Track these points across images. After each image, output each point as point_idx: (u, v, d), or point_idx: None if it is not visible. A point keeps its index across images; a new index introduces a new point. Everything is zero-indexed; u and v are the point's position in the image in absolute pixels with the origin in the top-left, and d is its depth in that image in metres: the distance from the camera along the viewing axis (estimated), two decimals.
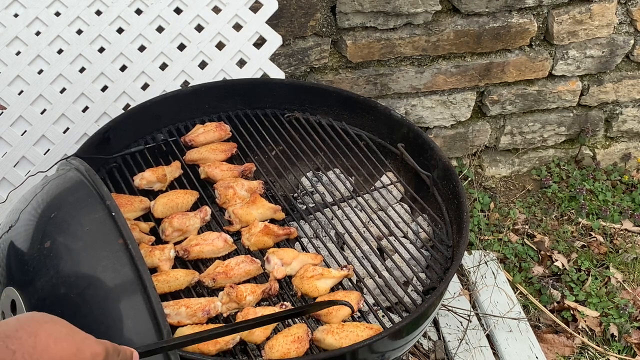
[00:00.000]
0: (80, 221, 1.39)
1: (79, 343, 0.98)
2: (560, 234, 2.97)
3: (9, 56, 2.20)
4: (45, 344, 0.94)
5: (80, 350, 0.97)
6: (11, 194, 2.13)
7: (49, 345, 0.94)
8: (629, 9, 2.99)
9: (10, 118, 2.18)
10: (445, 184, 2.04)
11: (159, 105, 2.16)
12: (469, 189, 3.12)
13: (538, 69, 3.01)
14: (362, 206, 2.03)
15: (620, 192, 3.21)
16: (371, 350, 1.59)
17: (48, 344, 0.94)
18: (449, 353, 2.41)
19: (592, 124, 3.25)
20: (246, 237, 1.86)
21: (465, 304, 2.57)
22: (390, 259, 1.88)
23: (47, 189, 1.50)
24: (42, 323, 0.96)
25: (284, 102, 2.28)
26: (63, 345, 0.95)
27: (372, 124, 2.25)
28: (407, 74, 2.86)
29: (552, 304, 2.68)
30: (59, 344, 0.95)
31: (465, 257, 2.76)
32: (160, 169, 2.00)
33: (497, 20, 2.85)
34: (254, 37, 2.40)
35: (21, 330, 0.93)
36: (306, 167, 2.20)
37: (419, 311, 1.64)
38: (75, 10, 2.27)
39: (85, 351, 0.98)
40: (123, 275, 1.30)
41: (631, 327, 2.61)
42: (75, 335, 0.98)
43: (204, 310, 1.64)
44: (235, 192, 1.95)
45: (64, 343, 0.96)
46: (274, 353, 1.57)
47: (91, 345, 1.00)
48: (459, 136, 3.12)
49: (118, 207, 1.37)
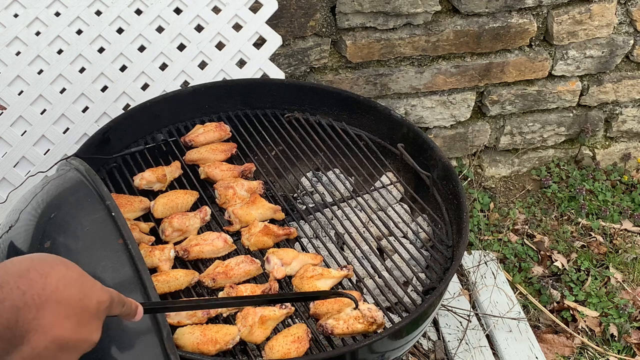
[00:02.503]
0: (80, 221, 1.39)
1: (87, 289, 1.00)
2: (560, 234, 2.97)
3: (9, 56, 2.20)
4: (55, 287, 0.95)
5: (86, 296, 1.00)
6: (11, 194, 2.13)
7: (58, 288, 0.96)
8: (629, 9, 2.99)
9: (10, 118, 2.18)
10: (445, 184, 2.04)
11: (159, 105, 2.16)
12: (469, 189, 3.12)
13: (538, 69, 3.01)
14: (362, 206, 2.03)
15: (620, 192, 3.21)
16: (371, 350, 1.59)
17: (57, 287, 0.96)
18: (448, 353, 2.41)
19: (591, 124, 3.25)
20: (246, 237, 1.86)
21: (465, 304, 2.57)
22: (390, 259, 1.88)
23: (47, 189, 1.50)
24: (54, 265, 0.98)
25: (284, 102, 2.28)
26: (71, 289, 0.97)
27: (372, 124, 2.25)
28: (407, 74, 2.86)
29: (552, 304, 2.68)
30: (68, 288, 0.97)
31: (465, 257, 2.76)
32: (160, 169, 2.01)
33: (496, 21, 2.85)
34: (253, 37, 2.40)
35: (33, 271, 0.95)
36: (306, 167, 2.20)
37: (419, 311, 1.64)
38: (75, 10, 2.27)
39: (92, 297, 1.00)
40: (123, 275, 1.30)
41: (631, 327, 2.61)
42: (84, 281, 1.00)
43: (203, 310, 1.64)
44: (235, 192, 1.95)
45: (72, 287, 0.98)
46: (274, 353, 1.57)
47: (97, 292, 1.02)
48: (458, 136, 3.12)
49: (118, 207, 1.37)
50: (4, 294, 0.90)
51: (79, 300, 0.98)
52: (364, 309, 1.63)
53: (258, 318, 1.62)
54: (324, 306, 1.68)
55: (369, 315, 1.62)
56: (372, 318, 1.62)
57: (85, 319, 0.99)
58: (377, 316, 1.63)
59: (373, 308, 1.64)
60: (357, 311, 1.63)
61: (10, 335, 0.90)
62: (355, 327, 1.61)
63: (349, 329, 1.61)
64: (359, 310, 1.63)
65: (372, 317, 1.62)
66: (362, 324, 1.62)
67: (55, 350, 0.96)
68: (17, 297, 0.91)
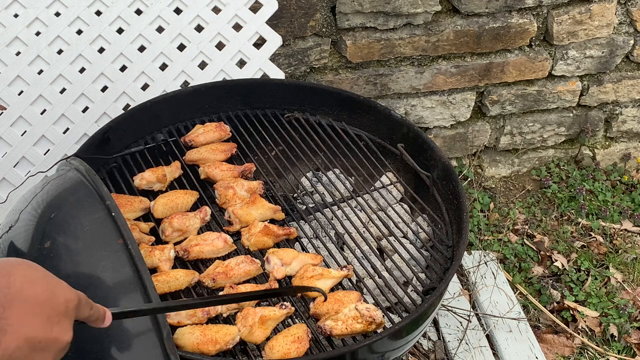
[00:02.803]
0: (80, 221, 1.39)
1: (53, 287, 0.98)
2: (560, 234, 2.97)
3: (9, 56, 2.20)
4: (20, 285, 0.94)
5: (54, 294, 0.98)
6: (11, 194, 2.13)
7: (24, 286, 0.94)
8: (629, 9, 2.99)
9: (10, 118, 2.18)
10: (445, 184, 2.04)
11: (159, 106, 2.16)
12: (469, 189, 3.12)
13: (538, 69, 3.01)
14: (362, 206, 2.03)
15: (620, 192, 3.21)
16: (371, 350, 1.59)
17: (22, 285, 0.94)
18: (448, 353, 2.41)
19: (591, 124, 3.25)
20: (246, 238, 1.86)
21: (465, 304, 2.57)
22: (390, 259, 1.88)
23: (47, 189, 1.50)
24: (16, 265, 0.96)
25: (284, 102, 2.28)
26: (37, 288, 0.96)
27: (372, 124, 2.25)
28: (407, 74, 2.86)
29: (552, 304, 2.68)
30: (34, 287, 0.95)
31: (465, 257, 2.76)
32: (160, 169, 2.00)
33: (496, 21, 2.85)
34: (253, 37, 2.40)
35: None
36: (306, 167, 2.20)
37: (419, 311, 1.64)
38: (75, 10, 2.27)
39: (59, 296, 0.98)
40: (123, 275, 1.30)
41: (631, 327, 2.61)
42: (49, 279, 0.98)
43: (203, 310, 1.64)
44: (235, 192, 1.95)
45: (38, 286, 0.96)
46: (274, 353, 1.57)
47: (65, 291, 1.00)
48: (458, 136, 3.12)
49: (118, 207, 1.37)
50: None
51: (47, 298, 0.96)
52: (362, 308, 1.63)
53: (258, 318, 1.62)
54: (324, 306, 1.68)
55: (368, 314, 1.62)
56: (370, 318, 1.62)
57: (55, 317, 0.97)
58: (376, 315, 1.63)
59: (372, 308, 1.64)
60: (355, 311, 1.63)
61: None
62: (355, 327, 1.61)
63: (348, 329, 1.61)
64: (357, 310, 1.63)
65: (371, 317, 1.62)
66: (361, 324, 1.62)
67: (27, 351, 0.94)
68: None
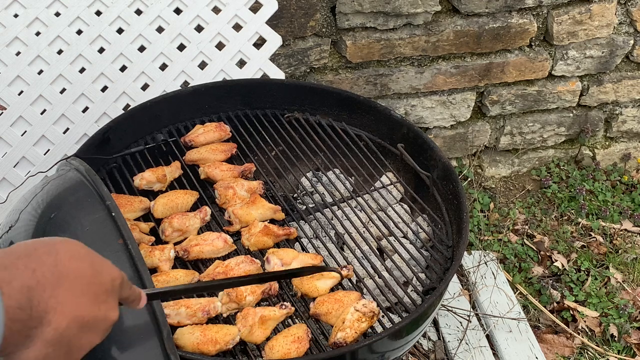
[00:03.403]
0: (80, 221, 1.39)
1: (99, 265, 0.96)
2: (560, 234, 2.97)
3: (9, 56, 2.20)
4: (67, 263, 0.91)
5: (99, 272, 0.95)
6: (11, 194, 2.13)
7: (71, 264, 0.91)
8: (629, 9, 2.99)
9: (10, 118, 2.18)
10: (445, 184, 2.04)
11: (159, 106, 2.16)
12: (469, 189, 3.12)
13: (538, 69, 3.01)
14: (362, 206, 2.03)
15: (620, 193, 3.21)
16: (371, 350, 1.59)
17: (69, 263, 0.91)
18: (448, 353, 2.41)
19: (591, 124, 3.25)
20: (246, 238, 1.86)
21: (465, 304, 2.57)
22: (390, 259, 1.88)
23: (47, 189, 1.50)
24: (61, 243, 0.94)
25: (284, 102, 2.28)
26: (83, 265, 0.93)
27: (372, 124, 2.25)
28: (407, 75, 2.86)
29: (552, 304, 2.68)
30: (80, 264, 0.93)
31: (465, 257, 2.76)
32: (160, 169, 2.00)
33: (496, 21, 2.85)
34: (253, 37, 2.40)
35: (40, 249, 0.91)
36: (306, 167, 2.20)
37: (419, 311, 1.64)
38: (75, 10, 2.27)
39: (105, 273, 0.96)
40: None
41: (631, 327, 2.61)
42: (94, 257, 0.96)
43: (203, 310, 1.64)
44: (235, 192, 1.95)
45: (84, 264, 0.93)
46: (274, 353, 1.57)
47: (110, 269, 0.98)
48: (458, 136, 3.12)
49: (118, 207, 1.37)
50: (11, 275, 0.85)
51: (93, 276, 0.94)
52: (360, 307, 1.64)
53: (258, 318, 1.62)
54: (324, 306, 1.68)
55: (367, 310, 1.63)
56: (370, 312, 1.63)
57: (102, 296, 0.95)
58: (373, 307, 1.64)
59: (367, 303, 1.65)
60: (357, 313, 1.63)
61: (25, 317, 0.85)
62: (362, 327, 1.62)
63: (358, 332, 1.62)
64: (358, 311, 1.63)
65: (371, 311, 1.63)
66: (366, 322, 1.62)
67: (76, 330, 0.91)
68: (26, 276, 0.86)
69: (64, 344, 0.90)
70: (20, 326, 0.85)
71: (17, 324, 0.84)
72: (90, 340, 0.95)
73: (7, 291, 0.83)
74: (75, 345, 0.92)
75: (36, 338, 0.88)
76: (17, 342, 0.86)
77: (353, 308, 1.64)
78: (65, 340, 0.90)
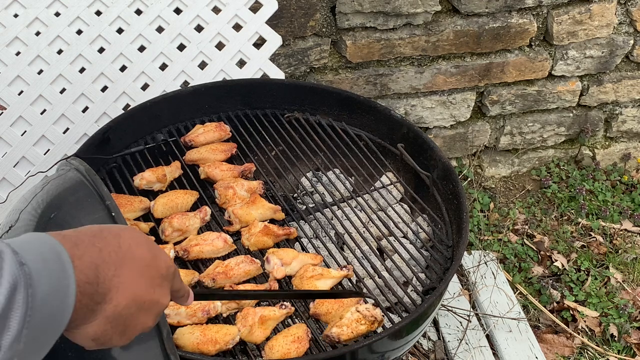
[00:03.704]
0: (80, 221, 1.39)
1: (156, 251, 1.00)
2: (560, 234, 2.97)
3: (9, 56, 2.20)
4: (129, 245, 0.95)
5: (157, 257, 0.99)
6: (11, 194, 2.13)
7: (132, 247, 0.96)
8: (629, 9, 2.99)
9: (10, 118, 2.18)
10: (445, 184, 2.04)
11: (159, 106, 2.16)
12: (469, 189, 3.12)
13: (538, 69, 3.01)
14: (362, 206, 2.03)
15: (620, 192, 3.21)
16: (371, 350, 1.59)
17: (131, 246, 0.96)
18: (448, 353, 2.41)
19: (591, 124, 3.25)
20: (246, 237, 1.86)
21: (465, 304, 2.57)
22: (390, 259, 1.88)
23: (47, 189, 1.50)
24: (123, 228, 0.98)
25: (284, 102, 2.28)
26: (143, 249, 0.97)
27: (372, 124, 2.25)
28: (406, 74, 2.87)
29: (552, 304, 2.68)
30: (140, 248, 0.97)
31: (465, 257, 2.76)
32: (160, 169, 2.01)
33: (496, 21, 2.85)
34: (253, 37, 2.40)
35: (105, 231, 0.95)
36: (306, 167, 2.20)
37: (419, 311, 1.64)
38: (75, 10, 2.27)
39: (161, 260, 1.00)
40: None
41: (631, 327, 2.61)
42: (152, 244, 1.01)
43: (203, 310, 1.64)
44: (235, 192, 1.95)
45: (144, 248, 0.98)
46: (274, 353, 1.57)
47: (165, 257, 1.02)
48: (458, 136, 3.12)
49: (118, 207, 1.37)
50: (82, 250, 0.89)
51: (151, 260, 0.98)
52: (363, 309, 1.64)
53: (258, 318, 1.62)
54: (324, 306, 1.68)
55: (369, 314, 1.63)
56: (372, 317, 1.63)
57: (157, 279, 0.99)
58: (376, 314, 1.63)
59: (370, 307, 1.65)
60: (358, 313, 1.63)
61: (92, 291, 0.89)
62: (359, 329, 1.62)
63: (354, 333, 1.61)
64: (359, 312, 1.64)
65: (372, 316, 1.63)
66: (365, 325, 1.62)
67: (135, 309, 0.95)
68: (94, 253, 0.90)
69: (121, 322, 0.94)
70: (88, 300, 0.89)
71: (85, 298, 0.88)
72: (144, 322, 0.98)
73: (78, 265, 0.87)
74: (131, 324, 0.96)
75: (98, 313, 0.91)
76: (83, 315, 0.89)
77: (355, 308, 1.64)
78: (123, 318, 0.94)
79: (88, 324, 0.91)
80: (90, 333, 0.92)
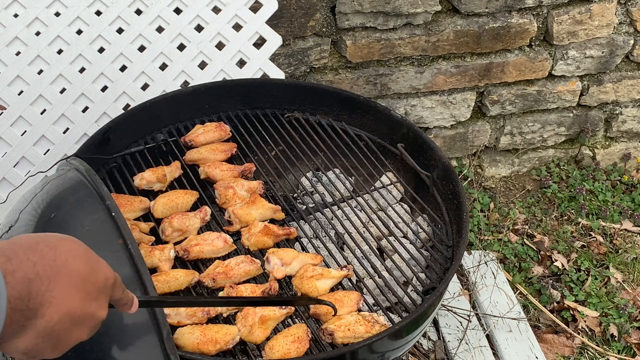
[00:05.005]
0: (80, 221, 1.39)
1: (94, 263, 0.99)
2: (560, 234, 2.97)
3: (9, 56, 2.20)
4: (65, 259, 0.95)
5: (94, 270, 0.99)
6: (11, 194, 2.13)
7: (68, 260, 0.95)
8: (629, 9, 2.99)
9: (10, 118, 2.18)
10: (445, 184, 2.04)
11: (159, 105, 2.16)
12: (469, 189, 3.12)
13: (538, 69, 3.01)
14: (362, 206, 2.03)
15: (620, 192, 3.21)
16: (371, 350, 1.59)
17: (67, 259, 0.95)
18: (448, 353, 2.41)
19: (591, 124, 3.25)
20: (246, 237, 1.86)
21: (465, 304, 2.57)
22: (390, 259, 1.88)
23: (47, 189, 1.50)
24: (60, 239, 0.97)
25: (284, 102, 2.28)
26: (80, 262, 0.97)
27: (372, 124, 2.25)
28: (407, 74, 2.86)
29: (552, 304, 2.68)
30: (77, 261, 0.96)
31: (465, 257, 2.76)
32: (160, 169, 2.01)
33: (496, 21, 2.85)
34: (253, 37, 2.40)
35: (42, 244, 0.94)
36: (306, 167, 2.20)
37: (419, 311, 1.64)
38: (75, 10, 2.27)
39: (99, 272, 1.00)
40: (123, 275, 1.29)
41: (631, 327, 2.61)
42: (90, 255, 1.00)
43: (203, 310, 1.64)
44: (235, 192, 1.95)
45: (81, 261, 0.97)
46: (274, 353, 1.57)
47: (104, 269, 1.01)
48: (458, 136, 3.13)
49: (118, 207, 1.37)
50: (14, 265, 0.88)
51: (88, 274, 0.97)
52: (365, 313, 1.65)
53: (258, 318, 1.62)
54: (324, 306, 1.68)
55: (370, 317, 1.63)
56: (372, 319, 1.63)
57: (94, 293, 0.98)
58: (379, 318, 1.64)
59: (375, 315, 1.65)
60: (358, 316, 1.64)
61: (23, 307, 0.88)
62: (358, 329, 1.61)
63: (351, 332, 1.61)
64: (361, 315, 1.64)
65: (373, 318, 1.63)
66: (364, 325, 1.62)
67: (68, 324, 0.94)
68: (28, 268, 0.90)
69: (53, 336, 0.94)
70: (19, 316, 0.88)
71: (16, 314, 0.88)
72: (78, 336, 0.98)
73: (10, 281, 0.86)
74: (64, 338, 0.96)
75: (29, 328, 0.91)
76: (13, 331, 0.89)
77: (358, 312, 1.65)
78: (55, 333, 0.94)
79: (18, 339, 0.90)
80: (21, 347, 0.91)
